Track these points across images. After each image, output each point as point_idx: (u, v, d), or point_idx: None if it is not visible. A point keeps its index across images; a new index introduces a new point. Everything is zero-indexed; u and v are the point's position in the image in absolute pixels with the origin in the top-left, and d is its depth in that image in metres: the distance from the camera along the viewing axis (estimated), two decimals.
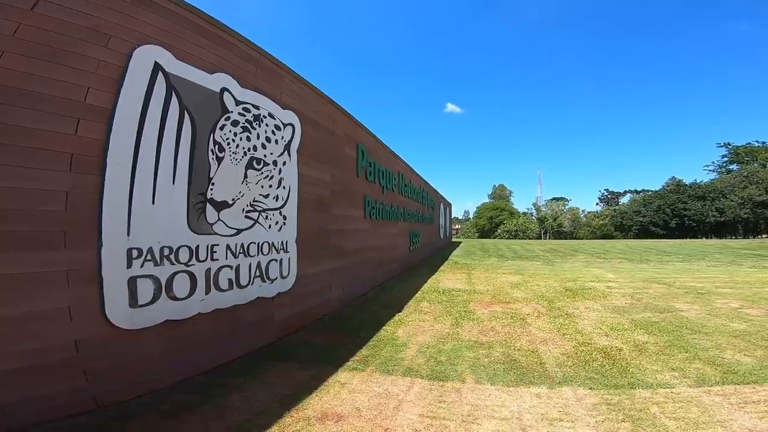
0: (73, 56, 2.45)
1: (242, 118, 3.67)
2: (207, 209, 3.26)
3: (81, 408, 2.44)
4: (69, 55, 2.43)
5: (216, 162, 3.36)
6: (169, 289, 2.92)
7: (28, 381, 2.24)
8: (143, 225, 2.75)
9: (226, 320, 3.46)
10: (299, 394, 2.85)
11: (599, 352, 3.75)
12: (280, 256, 4.20)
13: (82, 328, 2.44)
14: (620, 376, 3.16)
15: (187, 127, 3.10)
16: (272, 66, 4.24)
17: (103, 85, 2.57)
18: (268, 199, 3.99)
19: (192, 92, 3.16)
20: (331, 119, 5.73)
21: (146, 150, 2.79)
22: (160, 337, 2.88)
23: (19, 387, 2.22)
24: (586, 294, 6.90)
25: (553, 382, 3.04)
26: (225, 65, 3.53)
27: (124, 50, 2.69)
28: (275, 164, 4.11)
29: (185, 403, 2.69)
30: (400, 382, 3.09)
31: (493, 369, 3.33)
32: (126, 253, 2.65)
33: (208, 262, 3.25)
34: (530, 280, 8.71)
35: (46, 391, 2.31)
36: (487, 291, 7.34)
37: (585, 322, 4.90)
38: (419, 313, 5.52)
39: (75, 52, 2.45)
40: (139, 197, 2.74)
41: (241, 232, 3.62)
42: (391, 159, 9.45)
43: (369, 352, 3.81)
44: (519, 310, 5.59)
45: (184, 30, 3.15)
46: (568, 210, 63.48)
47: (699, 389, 2.89)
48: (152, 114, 2.84)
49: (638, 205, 54.12)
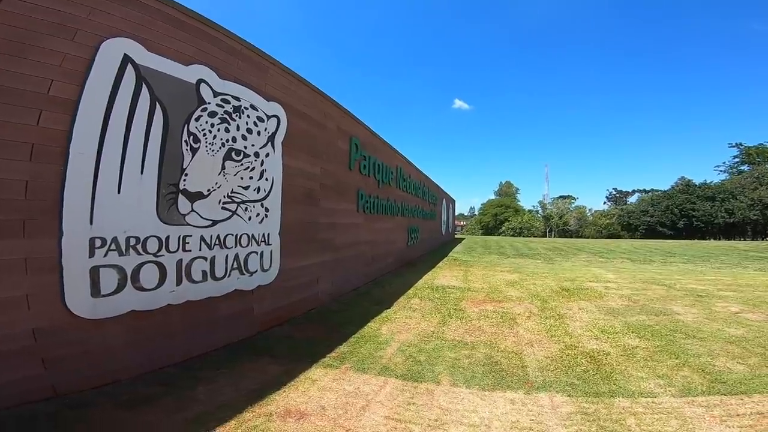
0: (38, 50, 2.44)
1: (221, 110, 3.58)
2: (179, 200, 3.19)
3: (38, 395, 2.42)
4: (33, 49, 2.42)
5: (190, 153, 3.28)
6: (135, 280, 2.87)
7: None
8: (108, 214, 2.69)
9: (199, 312, 3.41)
10: (267, 389, 2.79)
11: (585, 356, 3.63)
12: (261, 248, 4.12)
13: (40, 317, 2.41)
14: (602, 382, 3.04)
15: (159, 117, 3.02)
16: (256, 58, 4.14)
17: (67, 77, 2.55)
18: (248, 191, 3.91)
19: (165, 84, 3.08)
20: (322, 112, 5.63)
21: (112, 140, 2.72)
22: (125, 327, 2.84)
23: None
24: (582, 294, 6.75)
25: (531, 388, 2.93)
26: (202, 57, 3.45)
27: (91, 43, 2.67)
28: (257, 156, 4.02)
29: (148, 394, 2.64)
30: (374, 381, 3.02)
31: (471, 371, 3.24)
32: (88, 243, 2.60)
33: (179, 253, 3.19)
34: (527, 279, 8.57)
35: (2, 378, 2.28)
36: (481, 289, 7.22)
37: (576, 324, 4.77)
38: (408, 309, 5.43)
39: (39, 46, 2.44)
40: (104, 187, 2.67)
41: (217, 224, 3.54)
42: (389, 153, 9.33)
43: (348, 349, 3.73)
44: (510, 310, 5.48)
45: (156, 22, 3.07)
46: (575, 208, 62.79)
47: (682, 399, 2.76)
48: (120, 105, 2.78)
49: (646, 204, 53.35)
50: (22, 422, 2.23)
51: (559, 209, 62.08)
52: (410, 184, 11.71)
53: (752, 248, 21.72)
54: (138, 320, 2.91)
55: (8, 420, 2.22)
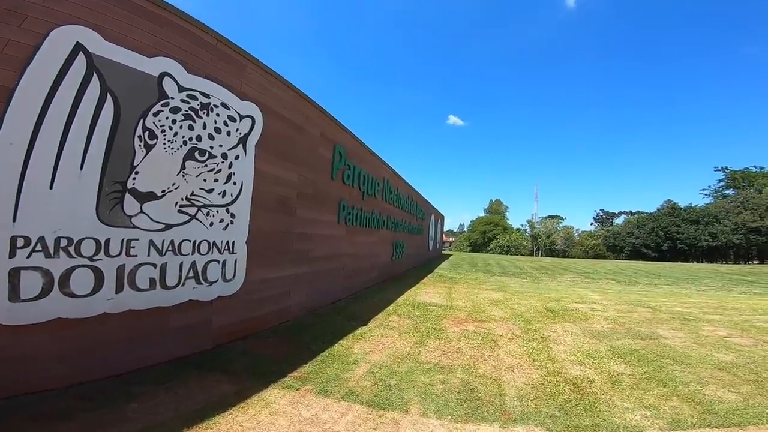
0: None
1: (185, 105, 3.32)
2: (126, 199, 2.89)
3: None
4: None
5: (144, 149, 3.00)
6: (64, 285, 2.56)
7: None
8: (35, 211, 2.39)
9: (144, 323, 3.08)
10: (212, 410, 2.48)
11: (568, 383, 3.36)
12: (223, 257, 3.81)
13: None
14: (585, 414, 2.77)
15: (109, 110, 2.76)
16: (231, 53, 3.91)
17: (6, 65, 2.35)
18: (211, 194, 3.63)
19: (121, 75, 2.84)
20: (303, 115, 5.40)
21: (49, 132, 2.46)
22: (50, 335, 2.53)
23: None
24: (566, 316, 6.51)
25: (509, 420, 2.65)
26: (169, 49, 3.22)
27: (40, 30, 2.48)
28: (225, 157, 3.75)
29: (68, 409, 2.33)
30: (335, 407, 2.71)
31: (444, 399, 2.94)
32: (9, 241, 2.29)
33: (121, 258, 2.88)
34: (512, 298, 8.32)
35: None
36: (464, 307, 6.94)
37: (559, 348, 4.52)
38: (385, 327, 5.12)
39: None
40: (33, 181, 2.39)
41: (171, 228, 3.24)
42: (376, 163, 9.12)
43: (313, 368, 3.41)
44: (492, 331, 5.20)
45: (118, 11, 2.86)
46: (562, 228, 63.34)
47: None
48: (63, 95, 2.53)
49: (632, 226, 54.07)
50: None
51: (547, 229, 62.55)
52: (397, 197, 11.49)
53: (735, 271, 21.89)
54: (67, 329, 2.59)
55: None
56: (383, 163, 9.76)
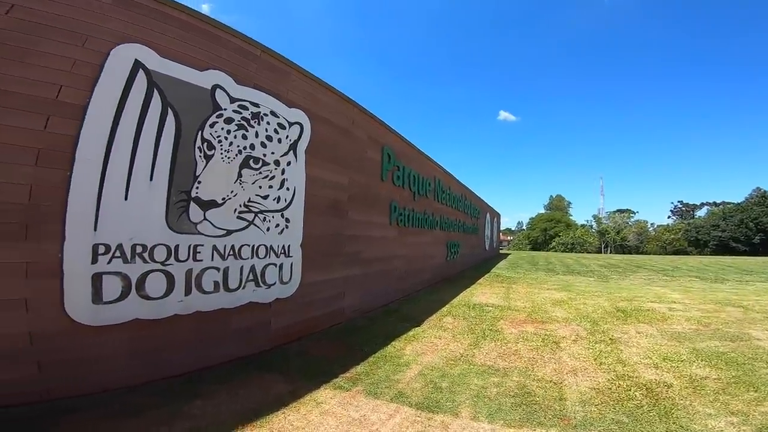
0: (47, 56, 2.48)
1: (237, 116, 3.51)
2: (191, 208, 3.11)
3: (30, 398, 2.38)
4: (42, 55, 2.46)
5: (204, 160, 3.22)
6: (140, 288, 2.79)
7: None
8: (113, 221, 2.64)
9: (210, 324, 3.28)
10: (266, 408, 2.58)
11: (640, 388, 3.07)
12: (280, 260, 3.97)
13: (38, 321, 2.39)
14: (659, 420, 2.50)
15: (171, 123, 2.99)
16: (276, 63, 4.08)
17: (76, 82, 2.57)
18: (267, 200, 3.80)
19: (178, 89, 3.06)
20: (350, 120, 5.49)
21: (120, 146, 2.71)
22: (127, 335, 2.76)
23: None
24: (640, 316, 5.95)
25: (568, 425, 2.46)
26: (218, 62, 3.42)
27: (102, 49, 2.69)
28: (277, 164, 3.91)
29: (139, 405, 2.52)
30: (384, 408, 2.69)
31: (498, 403, 2.81)
32: (92, 249, 2.55)
33: (189, 263, 3.09)
34: (577, 298, 7.79)
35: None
36: (523, 308, 6.62)
37: (632, 350, 4.14)
38: (438, 329, 5.03)
39: (49, 53, 2.49)
40: (110, 193, 2.64)
41: (232, 233, 3.44)
42: (425, 164, 9.03)
43: (364, 370, 3.43)
44: (554, 332, 4.90)
45: (170, 28, 3.07)
46: (635, 223, 58.43)
47: None
48: (130, 110, 2.76)
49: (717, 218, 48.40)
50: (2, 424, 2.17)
51: (617, 224, 58.03)
52: (450, 196, 11.30)
53: None
54: (142, 329, 2.82)
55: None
56: (433, 162, 9.64)
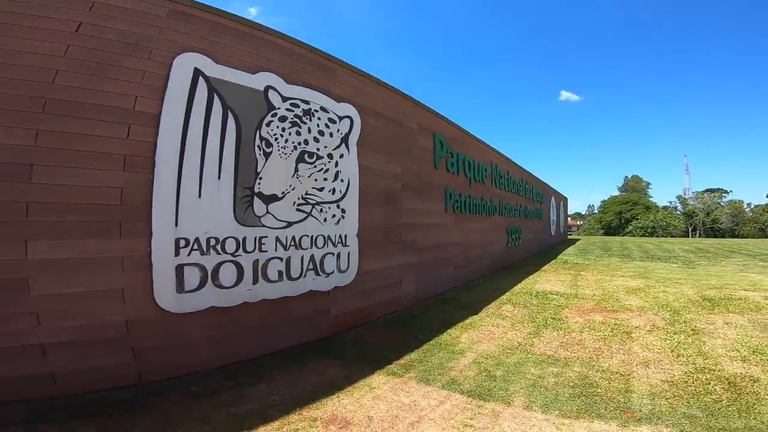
0: (119, 69, 2.76)
1: (290, 114, 3.71)
2: (254, 202, 3.37)
3: (125, 382, 2.71)
4: (115, 69, 2.74)
5: (263, 157, 3.45)
6: (215, 278, 3.09)
7: (82, 353, 2.57)
8: (190, 217, 2.95)
9: (274, 311, 3.54)
10: (322, 392, 2.75)
11: (721, 382, 2.80)
12: (337, 249, 4.15)
13: (132, 309, 2.72)
14: (738, 416, 2.28)
15: (232, 125, 3.24)
16: (322, 61, 4.22)
17: (148, 92, 2.85)
18: (322, 192, 3.98)
19: (235, 93, 3.30)
20: (399, 110, 5.52)
21: (191, 148, 2.99)
22: (205, 322, 3.07)
23: (73, 357, 2.55)
24: (730, 305, 5.33)
25: (631, 419, 2.32)
26: (268, 64, 3.62)
27: (165, 60, 2.95)
28: (330, 157, 4.08)
29: (214, 387, 2.79)
30: (435, 394, 2.74)
31: (555, 393, 2.72)
32: (174, 243, 2.88)
33: (255, 253, 3.36)
34: (655, 285, 7.11)
35: (97, 363, 2.62)
36: (592, 296, 6.22)
37: (716, 342, 3.75)
38: (497, 317, 4.93)
39: (120, 66, 2.76)
40: (186, 192, 2.94)
41: (292, 225, 3.66)
42: (480, 149, 8.79)
43: (418, 357, 3.50)
44: (626, 322, 4.58)
45: (221, 35, 3.30)
46: (728, 203, 51.81)
47: None
48: (196, 115, 3.03)
49: None
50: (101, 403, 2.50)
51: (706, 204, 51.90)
52: (509, 181, 10.90)
53: None
54: (217, 316, 3.12)
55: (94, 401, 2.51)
56: (489, 147, 9.35)
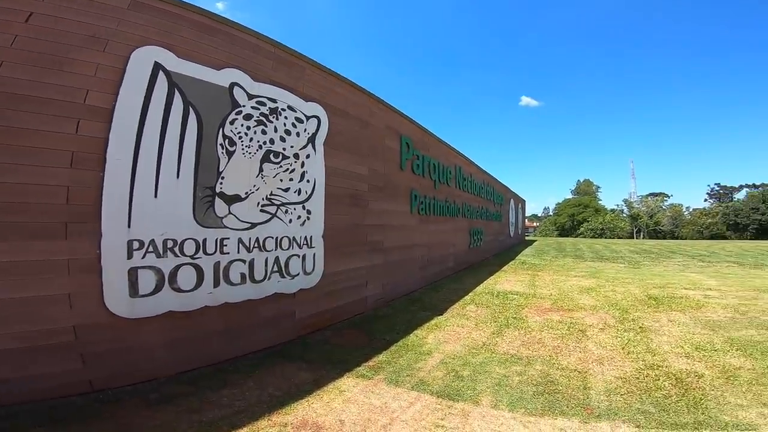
0: (72, 62, 2.57)
1: (256, 112, 3.59)
2: (216, 203, 3.23)
3: (76, 390, 2.54)
4: (68, 61, 2.56)
5: (226, 156, 3.32)
6: (172, 281, 2.94)
7: (27, 360, 2.39)
8: (145, 218, 2.78)
9: (238, 315, 3.42)
10: (291, 397, 2.69)
11: (669, 378, 3.01)
12: (303, 251, 4.07)
13: (81, 315, 2.54)
14: (687, 411, 2.46)
15: (193, 122, 3.09)
16: (290, 58, 4.12)
17: (102, 86, 2.67)
18: (288, 193, 3.89)
19: (197, 89, 3.15)
20: (367, 110, 5.50)
21: (147, 146, 2.82)
22: (163, 327, 2.91)
23: (19, 365, 2.36)
24: (673, 303, 5.76)
25: (591, 415, 2.45)
26: (234, 60, 3.49)
27: (123, 53, 2.78)
28: (296, 157, 3.99)
29: (175, 394, 2.67)
30: (405, 396, 2.75)
31: (519, 391, 2.82)
32: (126, 245, 2.70)
33: (217, 255, 3.22)
34: (605, 285, 7.59)
35: (44, 370, 2.44)
36: (549, 296, 6.53)
37: (662, 339, 4.04)
38: (461, 317, 5.05)
39: (73, 58, 2.58)
40: (141, 191, 2.77)
41: (256, 226, 3.55)
42: (446, 152, 8.95)
43: (386, 358, 3.51)
44: (580, 320, 4.83)
45: (185, 29, 3.15)
46: (669, 207, 56.07)
47: None
48: (154, 111, 2.87)
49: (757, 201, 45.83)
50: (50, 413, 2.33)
51: (649, 208, 55.87)
52: (472, 184, 11.17)
53: None
54: (175, 321, 2.97)
55: (41, 410, 2.34)
56: (453, 150, 9.54)
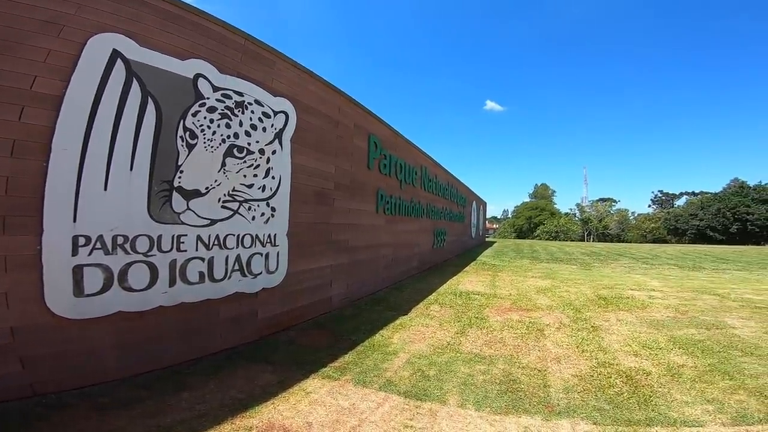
0: (21, 47, 2.40)
1: (221, 105, 3.45)
2: (173, 197, 3.06)
3: (15, 394, 2.36)
4: (16, 46, 2.38)
5: (186, 149, 3.16)
6: (122, 280, 2.76)
7: None
8: (93, 212, 2.59)
9: (196, 315, 3.27)
10: (255, 399, 2.60)
11: (620, 375, 3.19)
12: (266, 249, 3.96)
13: (19, 315, 2.35)
14: (638, 408, 2.61)
15: (151, 113, 2.92)
16: (261, 51, 4.00)
17: (52, 73, 2.49)
18: (252, 189, 3.76)
19: (158, 78, 2.98)
20: (336, 108, 5.44)
21: (99, 136, 2.64)
22: (112, 328, 2.74)
23: None
24: (621, 304, 6.15)
25: (552, 413, 2.55)
26: (201, 51, 3.33)
27: (78, 39, 2.61)
28: (262, 153, 3.87)
29: (128, 398, 2.52)
30: (373, 396, 2.74)
31: (484, 390, 2.88)
32: (71, 240, 2.50)
33: (173, 253, 3.06)
34: (560, 286, 7.99)
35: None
36: (508, 296, 6.77)
37: (612, 338, 4.28)
38: (425, 317, 5.11)
39: (23, 44, 2.41)
40: (89, 184, 2.58)
41: (216, 223, 3.40)
42: (412, 152, 9.03)
43: (352, 359, 3.48)
44: (538, 320, 5.03)
45: (149, 17, 2.98)
46: (616, 211, 59.71)
47: (735, 429, 2.31)
48: (108, 100, 2.69)
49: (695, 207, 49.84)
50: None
51: (599, 212, 59.26)
52: (436, 185, 11.35)
53: None
54: (126, 321, 2.80)
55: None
56: (420, 151, 9.65)
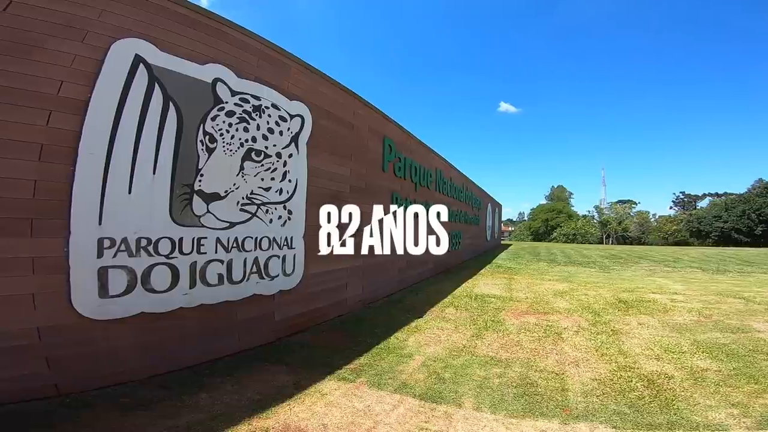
0: (47, 52, 2.46)
1: (239, 109, 3.50)
2: (194, 201, 3.12)
3: (41, 394, 2.41)
4: (42, 52, 2.44)
5: (206, 153, 3.22)
6: (145, 281, 2.81)
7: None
8: (117, 215, 2.66)
9: (215, 316, 3.31)
10: (272, 400, 2.62)
11: (642, 379, 3.10)
12: (283, 252, 3.99)
13: (45, 316, 2.41)
14: (660, 412, 2.54)
15: (172, 117, 2.98)
16: (276, 56, 4.05)
17: (77, 78, 2.56)
18: (269, 192, 3.80)
19: (179, 83, 3.04)
20: (351, 111, 5.47)
21: (123, 140, 2.70)
22: (134, 329, 2.79)
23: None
24: (642, 307, 5.98)
25: (570, 416, 2.49)
26: (219, 56, 3.39)
27: (102, 44, 2.67)
28: (279, 156, 3.91)
29: (148, 398, 2.56)
30: (388, 399, 2.73)
31: (500, 393, 2.84)
32: (97, 243, 2.57)
33: (193, 255, 3.11)
34: (578, 289, 7.83)
35: (5, 374, 2.30)
36: (525, 299, 6.66)
37: (633, 341, 4.17)
38: (441, 320, 5.07)
39: (49, 48, 2.47)
40: (114, 187, 2.65)
41: (235, 226, 3.45)
42: (427, 155, 9.01)
43: (368, 361, 3.47)
44: (556, 323, 4.94)
45: (169, 22, 3.04)
46: (636, 213, 58.34)
47: None
48: (131, 105, 2.76)
49: (719, 209, 48.20)
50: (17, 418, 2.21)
51: (618, 214, 57.95)
52: (451, 187, 11.28)
53: None
54: (148, 322, 2.85)
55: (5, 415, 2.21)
56: (434, 153, 9.61)
